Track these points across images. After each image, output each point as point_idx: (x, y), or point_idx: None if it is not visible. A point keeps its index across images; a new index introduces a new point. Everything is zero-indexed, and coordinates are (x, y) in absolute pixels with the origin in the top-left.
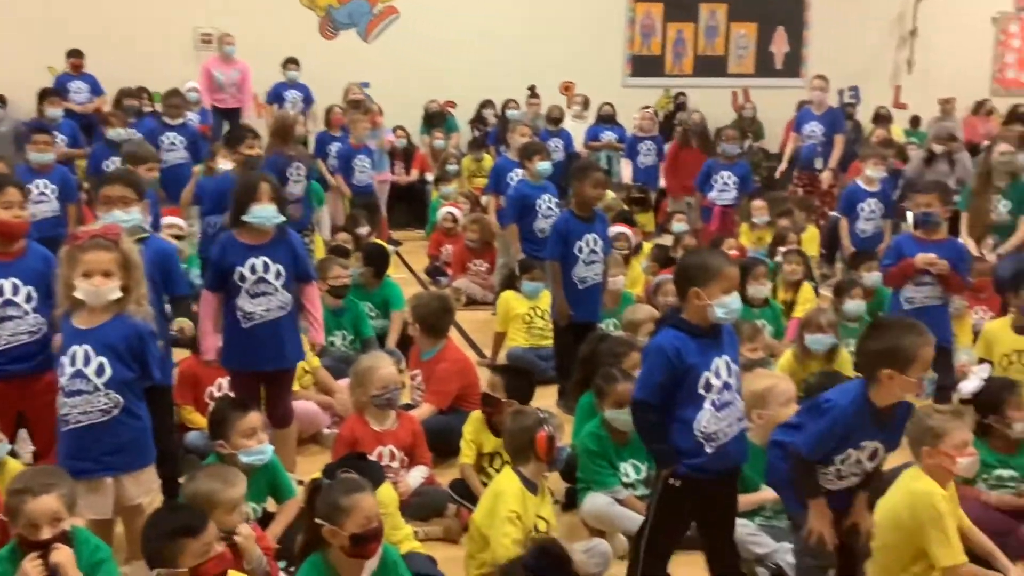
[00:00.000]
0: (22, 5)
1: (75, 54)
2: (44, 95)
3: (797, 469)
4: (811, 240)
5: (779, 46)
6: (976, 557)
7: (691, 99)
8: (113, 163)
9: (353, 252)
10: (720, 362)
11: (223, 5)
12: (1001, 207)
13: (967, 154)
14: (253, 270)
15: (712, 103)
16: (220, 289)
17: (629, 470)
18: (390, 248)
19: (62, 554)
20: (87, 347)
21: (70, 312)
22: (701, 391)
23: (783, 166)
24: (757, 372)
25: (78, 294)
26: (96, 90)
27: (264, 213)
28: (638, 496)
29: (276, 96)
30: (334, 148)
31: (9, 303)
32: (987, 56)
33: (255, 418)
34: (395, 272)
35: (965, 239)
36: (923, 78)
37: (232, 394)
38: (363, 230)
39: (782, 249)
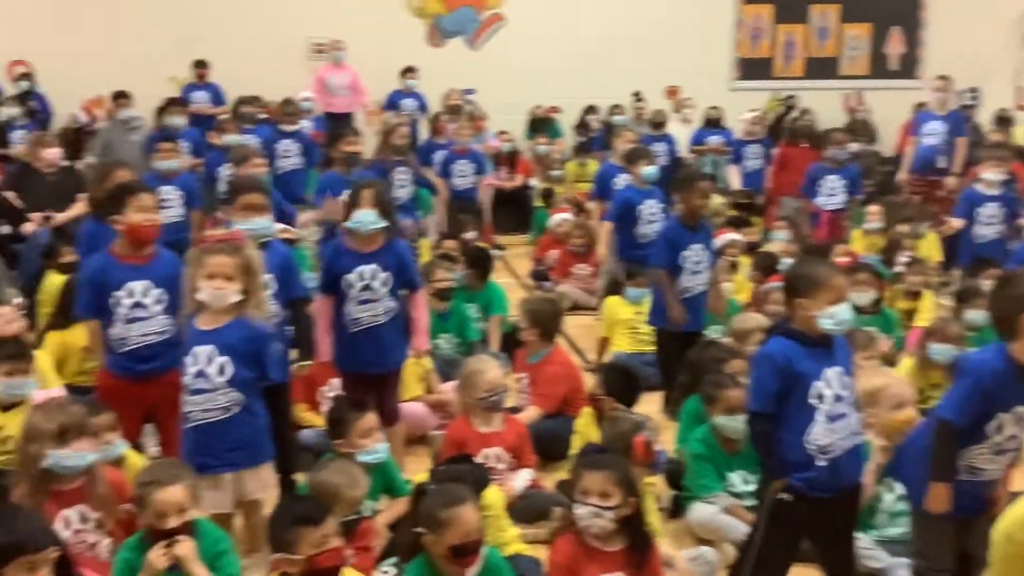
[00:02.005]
0: (145, 19)
1: (200, 64)
2: (167, 104)
3: (940, 438)
4: (930, 246)
5: (894, 47)
6: None
7: (801, 102)
8: (226, 169)
9: (459, 257)
10: (832, 372)
11: (334, 16)
12: None
13: None
14: (361, 277)
15: (823, 106)
16: (332, 292)
17: (737, 480)
18: (495, 252)
19: (185, 547)
20: (210, 348)
21: (195, 314)
22: (813, 402)
23: (903, 174)
24: (871, 370)
25: (200, 296)
26: (218, 100)
27: (363, 218)
28: (745, 507)
29: (392, 104)
30: (439, 155)
31: (139, 305)
32: None
33: (372, 419)
34: (499, 276)
35: None
36: None
37: (345, 394)
38: (470, 235)
39: (903, 257)
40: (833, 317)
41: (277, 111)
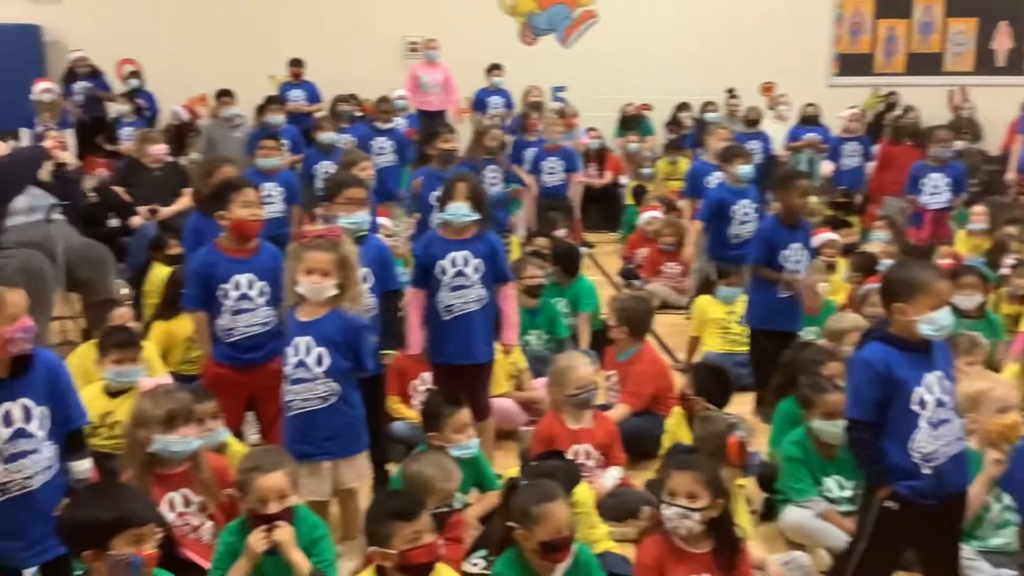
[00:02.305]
0: (245, 20)
1: (296, 63)
2: (266, 103)
3: None
4: None
5: (1001, 42)
6: None
7: (903, 98)
8: (323, 166)
9: (549, 254)
10: (932, 378)
11: (429, 15)
12: None
13: None
14: (453, 263)
15: (926, 103)
16: (425, 285)
17: (832, 486)
18: (583, 250)
19: (284, 532)
20: (308, 338)
21: (295, 306)
22: (915, 408)
23: (1011, 173)
24: (974, 373)
25: (299, 289)
26: (314, 98)
27: (457, 211)
28: (841, 512)
29: (479, 102)
30: (530, 152)
31: (244, 297)
32: None
33: (466, 415)
34: (588, 274)
35: None
36: None
37: (439, 389)
38: (560, 232)
39: (1010, 260)
40: (934, 323)
41: (372, 109)
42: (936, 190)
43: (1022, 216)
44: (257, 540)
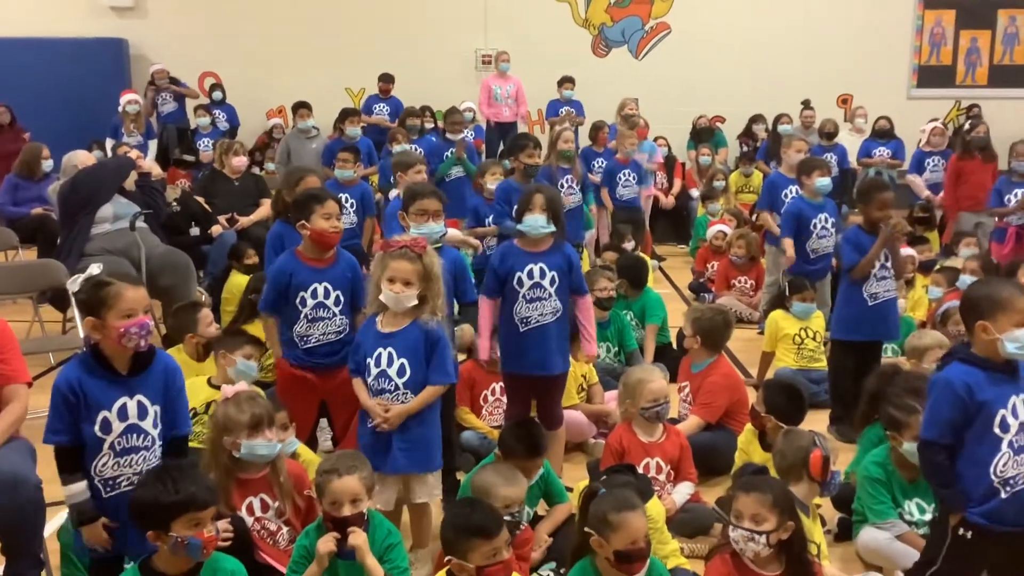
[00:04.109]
0: (322, 35)
1: (385, 78)
2: (343, 115)
3: None
4: None
5: None
6: None
7: (986, 111)
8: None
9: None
10: (1018, 400)
11: (503, 27)
12: None
13: None
14: (531, 275)
15: (1010, 116)
16: (498, 294)
17: (913, 509)
18: (652, 263)
19: (359, 538)
20: (391, 349)
21: (376, 315)
22: (997, 431)
23: None
24: None
25: (381, 297)
26: (397, 113)
27: (534, 222)
28: (921, 535)
29: (552, 113)
30: (598, 163)
31: (321, 305)
32: None
33: (537, 463)
34: (658, 287)
35: None
36: None
37: (506, 399)
38: (629, 245)
39: None
40: (1018, 341)
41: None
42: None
43: None
44: (325, 543)
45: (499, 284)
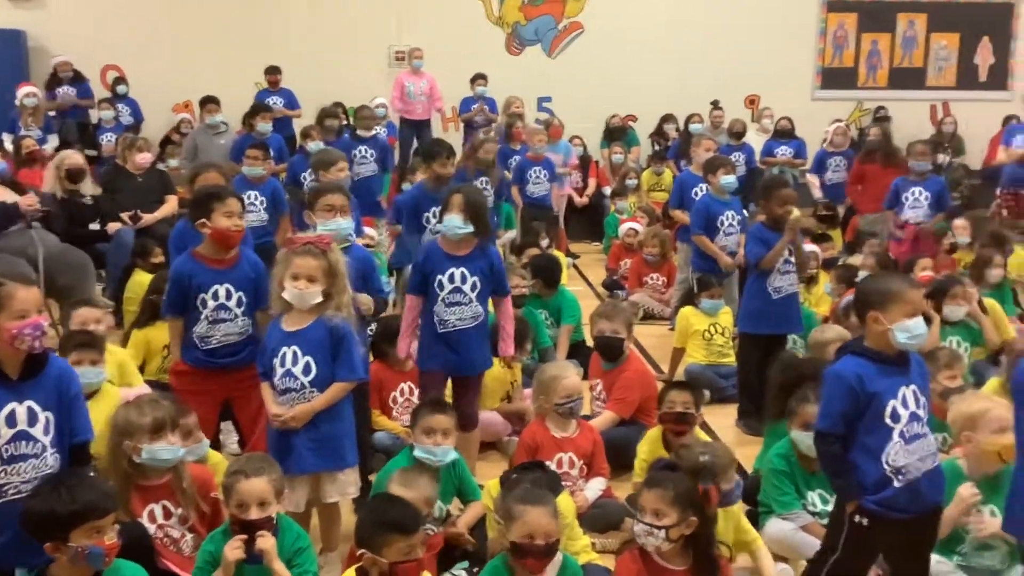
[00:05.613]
0: (231, 29)
1: (272, 70)
2: (253, 111)
3: None
4: (1020, 265)
5: (984, 57)
6: None
7: (888, 113)
8: (310, 174)
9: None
10: (907, 391)
11: (416, 24)
12: None
13: None
14: (451, 279)
15: (909, 117)
16: (421, 292)
17: (816, 500)
18: (567, 260)
19: (267, 542)
20: (295, 348)
21: (280, 315)
22: (888, 421)
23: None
24: (971, 394)
25: (285, 295)
26: (291, 105)
27: (451, 223)
28: (823, 524)
29: (465, 110)
30: (514, 161)
31: (222, 307)
32: None
33: (440, 420)
34: (572, 285)
35: None
36: None
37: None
38: (544, 243)
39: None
40: (908, 331)
41: None
42: (916, 204)
43: (1003, 233)
44: (231, 549)
45: (423, 282)
